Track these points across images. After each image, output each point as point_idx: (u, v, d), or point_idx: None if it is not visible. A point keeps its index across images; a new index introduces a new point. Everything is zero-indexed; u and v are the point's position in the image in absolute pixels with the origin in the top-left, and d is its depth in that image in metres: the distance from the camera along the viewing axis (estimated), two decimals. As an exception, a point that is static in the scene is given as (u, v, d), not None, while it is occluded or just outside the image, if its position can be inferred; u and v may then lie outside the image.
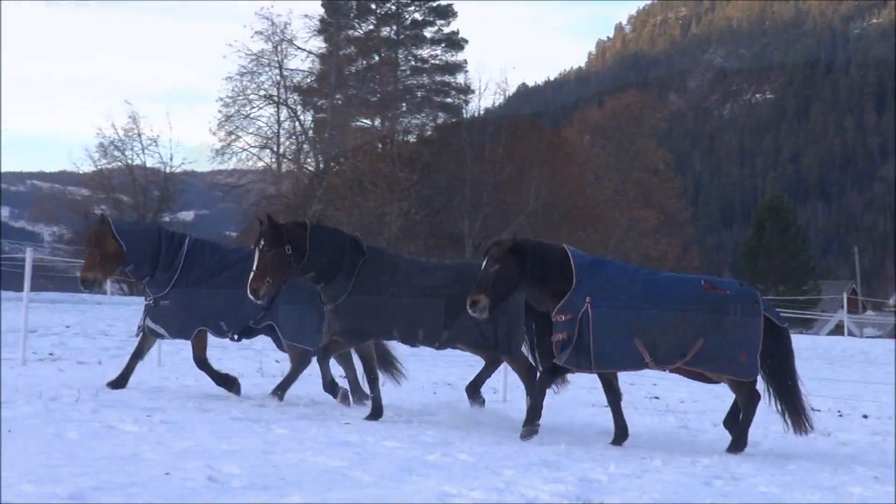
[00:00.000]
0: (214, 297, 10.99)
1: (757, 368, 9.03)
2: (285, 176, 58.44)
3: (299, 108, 59.10)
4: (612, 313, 8.84)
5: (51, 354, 15.84)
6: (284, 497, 5.65)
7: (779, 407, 9.29)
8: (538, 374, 9.62)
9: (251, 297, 9.84)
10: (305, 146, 59.35)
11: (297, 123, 59.07)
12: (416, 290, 10.16)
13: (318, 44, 59.79)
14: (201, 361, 11.65)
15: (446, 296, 10.03)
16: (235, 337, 11.64)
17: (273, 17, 56.03)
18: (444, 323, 10.09)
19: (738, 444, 9.14)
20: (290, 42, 57.45)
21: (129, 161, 54.82)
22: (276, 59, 56.80)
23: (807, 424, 9.25)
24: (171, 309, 11.18)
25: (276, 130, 58.07)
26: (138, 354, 11.64)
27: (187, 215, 69.60)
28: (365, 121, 61.18)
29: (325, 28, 58.77)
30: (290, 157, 59.12)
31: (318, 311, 10.42)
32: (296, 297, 10.78)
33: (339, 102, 58.33)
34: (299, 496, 5.68)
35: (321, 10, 59.16)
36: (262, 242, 9.81)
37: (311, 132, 59.20)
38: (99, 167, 55.54)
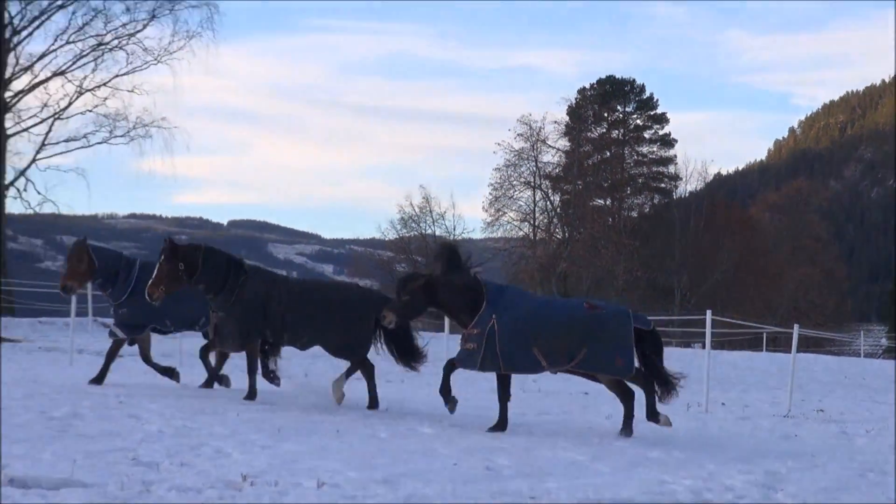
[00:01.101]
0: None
1: (632, 369, 8.81)
2: (539, 242, 59.62)
3: (550, 191, 60.20)
4: (513, 327, 8.65)
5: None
6: (543, 483, 5.63)
7: (657, 386, 8.96)
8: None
9: (148, 299, 9.84)
10: (555, 220, 60.27)
11: (548, 203, 60.17)
12: (284, 301, 10.01)
13: (564, 143, 60.79)
14: (145, 357, 11.76)
15: (313, 306, 10.08)
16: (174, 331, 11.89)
17: (531, 123, 57.38)
18: (305, 328, 10.09)
19: (626, 430, 8.85)
20: (544, 141, 58.67)
21: (423, 231, 56.37)
22: (532, 154, 58.13)
23: (675, 393, 9.04)
24: (128, 313, 11.11)
25: (532, 208, 59.39)
26: (112, 355, 11.59)
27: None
28: (599, 201, 61.93)
29: (570, 131, 59.81)
30: (542, 228, 60.30)
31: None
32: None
33: (580, 187, 59.18)
34: (554, 482, 5.67)
35: (567, 118, 59.88)
36: (162, 258, 9.81)
37: (558, 209, 60.11)
38: (400, 235, 57.43)
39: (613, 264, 54.41)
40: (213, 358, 11.00)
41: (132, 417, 7.78)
